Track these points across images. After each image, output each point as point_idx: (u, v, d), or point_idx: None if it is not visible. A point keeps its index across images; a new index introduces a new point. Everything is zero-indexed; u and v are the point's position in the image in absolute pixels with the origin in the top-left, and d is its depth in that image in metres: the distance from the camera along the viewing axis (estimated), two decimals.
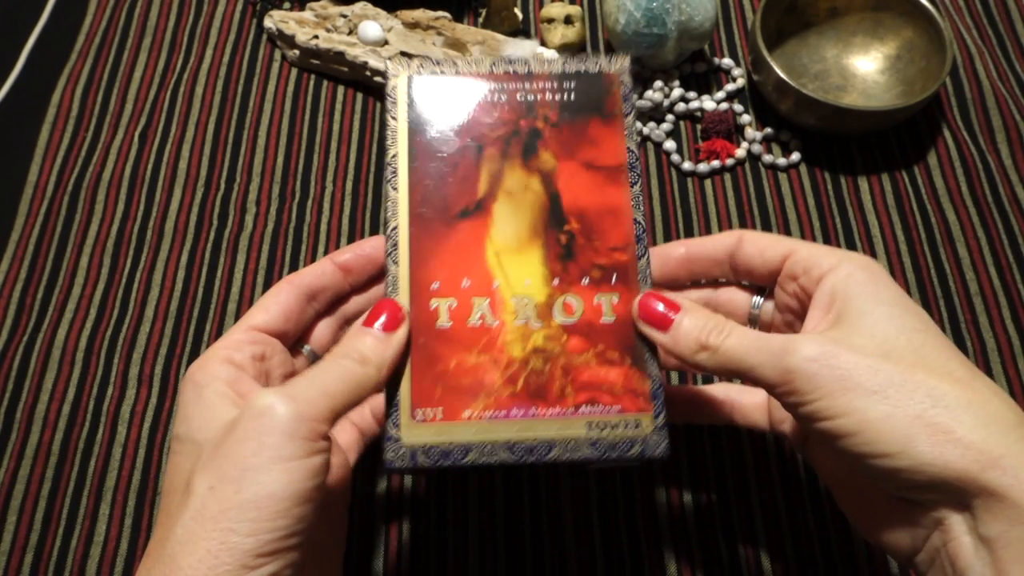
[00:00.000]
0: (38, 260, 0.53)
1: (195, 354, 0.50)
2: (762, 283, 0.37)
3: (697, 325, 0.32)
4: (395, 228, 0.35)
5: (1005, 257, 0.53)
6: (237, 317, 0.51)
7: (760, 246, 0.35)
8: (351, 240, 0.54)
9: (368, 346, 0.32)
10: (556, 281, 0.35)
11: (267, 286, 0.52)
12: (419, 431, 0.32)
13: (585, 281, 0.35)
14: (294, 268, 0.53)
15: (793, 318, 0.35)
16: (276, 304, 0.36)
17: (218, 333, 0.50)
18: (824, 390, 0.28)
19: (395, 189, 0.36)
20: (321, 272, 0.37)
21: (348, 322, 0.40)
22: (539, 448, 0.33)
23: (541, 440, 0.33)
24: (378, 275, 0.39)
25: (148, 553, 0.29)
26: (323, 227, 0.54)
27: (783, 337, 0.30)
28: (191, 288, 0.52)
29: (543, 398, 0.33)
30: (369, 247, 0.38)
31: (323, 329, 0.39)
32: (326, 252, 0.53)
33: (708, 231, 0.54)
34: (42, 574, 0.43)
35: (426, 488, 0.45)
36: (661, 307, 0.33)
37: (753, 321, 0.38)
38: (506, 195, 0.36)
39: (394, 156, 0.36)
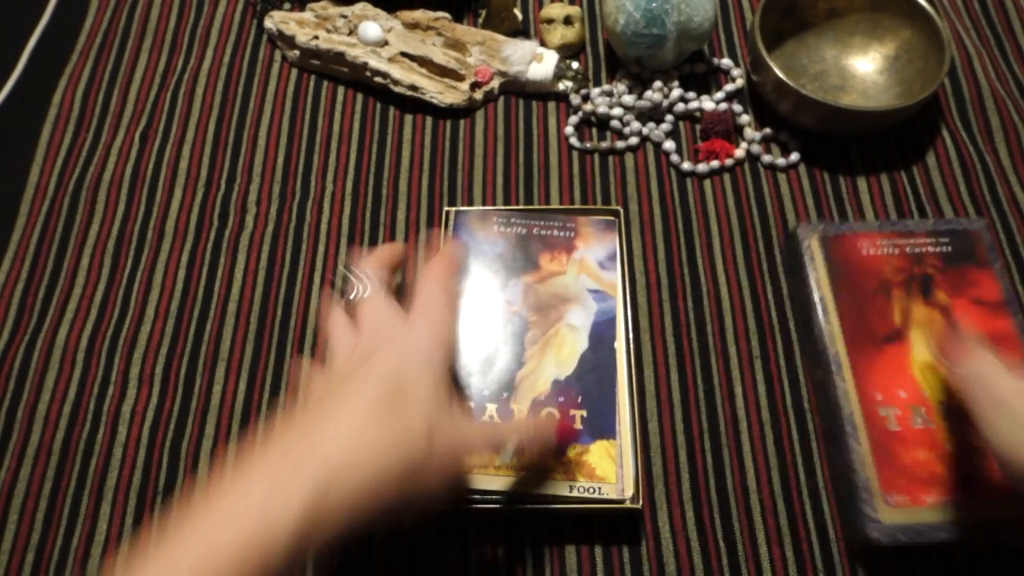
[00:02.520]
0: (39, 260, 0.53)
1: (195, 354, 0.50)
2: None
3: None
4: (837, 353, 0.46)
5: (1004, 257, 0.53)
6: (237, 317, 0.51)
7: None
8: (351, 240, 0.54)
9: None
10: None
11: (267, 286, 0.52)
12: (892, 514, 0.42)
13: None
14: (294, 268, 0.53)
15: None
16: (397, 254, 0.44)
17: (218, 333, 0.50)
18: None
19: (828, 323, 0.47)
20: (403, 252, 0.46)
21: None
22: (988, 525, 0.41)
23: (991, 518, 0.41)
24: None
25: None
26: (323, 227, 0.54)
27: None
28: (191, 288, 0.52)
29: (988, 486, 0.42)
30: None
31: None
32: (326, 252, 0.53)
33: (707, 231, 0.54)
34: (43, 573, 0.44)
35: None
36: None
37: None
38: (917, 325, 0.47)
39: (822, 298, 0.48)
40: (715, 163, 0.56)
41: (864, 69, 0.60)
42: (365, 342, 0.37)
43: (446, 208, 0.52)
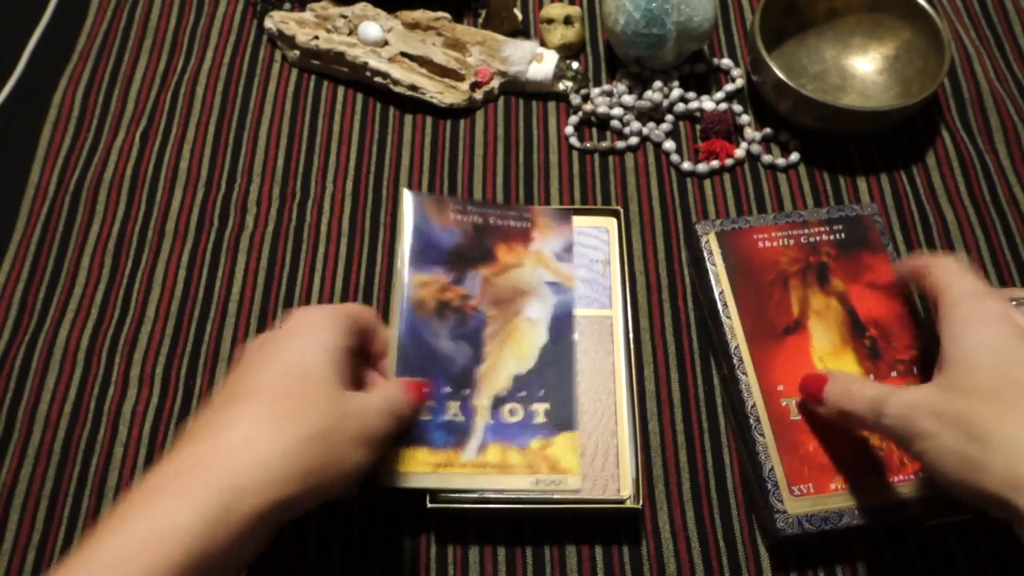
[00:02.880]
0: (40, 260, 0.53)
1: (195, 354, 0.50)
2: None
3: (840, 388, 0.40)
4: (737, 347, 0.46)
5: (1003, 257, 0.53)
6: (238, 317, 0.51)
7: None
8: (351, 240, 0.54)
9: (400, 398, 0.39)
10: (871, 376, 0.45)
11: (267, 286, 0.52)
12: (798, 503, 0.42)
13: (893, 374, 0.45)
14: (294, 268, 0.53)
15: None
16: (364, 312, 0.42)
17: (219, 333, 0.50)
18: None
19: (728, 317, 0.47)
20: (383, 337, 0.43)
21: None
22: (892, 509, 0.41)
23: (893, 502, 0.41)
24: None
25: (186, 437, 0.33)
26: (323, 227, 0.54)
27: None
28: (192, 288, 0.52)
29: (889, 469, 0.42)
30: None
31: None
32: (326, 252, 0.53)
33: None
34: (44, 573, 0.44)
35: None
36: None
37: None
38: (815, 314, 0.47)
39: (721, 292, 0.48)
40: (715, 163, 0.56)
41: (864, 69, 0.60)
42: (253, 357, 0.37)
43: (403, 188, 0.52)
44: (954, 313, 0.37)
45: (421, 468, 0.42)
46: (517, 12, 0.61)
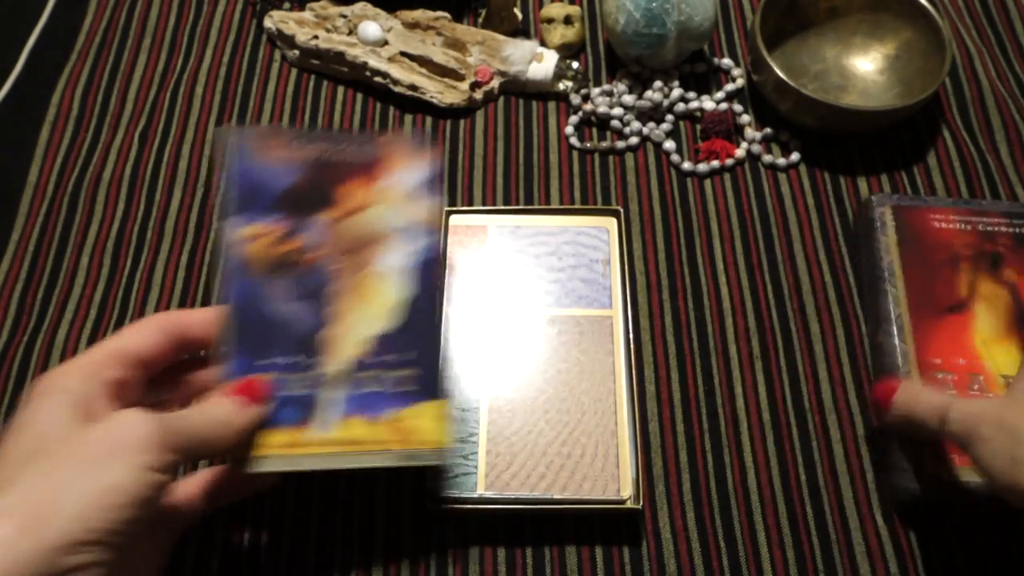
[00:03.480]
0: (38, 260, 0.53)
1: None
2: None
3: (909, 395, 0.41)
4: (899, 315, 0.47)
5: None
6: None
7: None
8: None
9: (230, 411, 0.35)
10: None
11: None
12: (939, 466, 0.43)
13: None
14: None
15: None
16: (146, 336, 0.35)
17: None
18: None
19: (894, 287, 0.48)
20: (202, 321, 0.37)
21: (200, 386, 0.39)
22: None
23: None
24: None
25: None
26: None
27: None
28: (191, 288, 0.52)
29: None
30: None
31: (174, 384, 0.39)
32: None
33: (707, 231, 0.54)
34: None
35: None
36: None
37: None
38: (982, 298, 0.48)
39: (890, 262, 0.48)
40: (715, 163, 0.56)
41: (865, 69, 0.60)
42: None
43: (228, 126, 0.48)
44: None
45: (266, 451, 0.37)
46: (517, 12, 0.61)
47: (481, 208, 0.52)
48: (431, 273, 0.40)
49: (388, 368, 0.38)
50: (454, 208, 0.52)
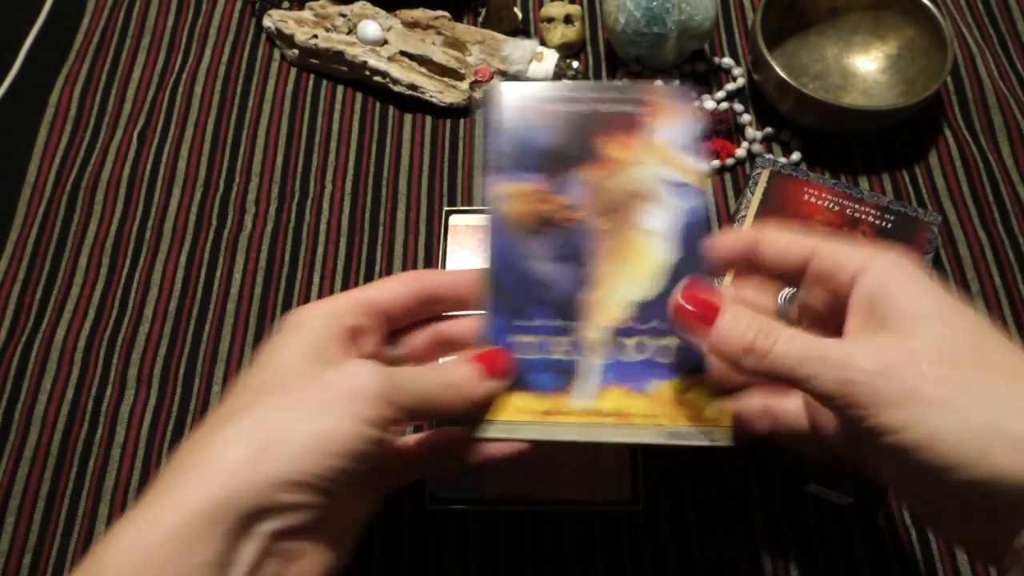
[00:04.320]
0: (37, 260, 0.53)
1: (194, 355, 0.49)
2: (789, 283, 0.36)
3: (739, 326, 0.30)
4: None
5: (1006, 256, 0.53)
6: (236, 317, 0.51)
7: (777, 246, 0.33)
8: (350, 240, 0.53)
9: (465, 378, 0.33)
10: None
11: (266, 286, 0.52)
12: None
13: None
14: (293, 268, 0.52)
15: (822, 321, 0.33)
16: (395, 290, 0.35)
17: (217, 333, 0.50)
18: (887, 402, 0.26)
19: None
20: (453, 282, 0.36)
21: (443, 341, 0.37)
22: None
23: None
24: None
25: (187, 442, 0.29)
26: (322, 226, 0.54)
27: (837, 344, 0.28)
28: (190, 288, 0.52)
29: None
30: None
31: (418, 338, 0.37)
32: (325, 252, 0.53)
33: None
34: (41, 575, 0.43)
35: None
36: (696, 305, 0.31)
37: (782, 317, 0.34)
38: None
39: (743, 217, 0.49)
40: (716, 162, 0.56)
41: (866, 68, 0.59)
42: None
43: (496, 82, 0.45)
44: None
45: (521, 416, 0.34)
46: (517, 11, 0.61)
47: (481, 208, 0.52)
48: (699, 235, 0.36)
49: (653, 335, 0.35)
50: (454, 208, 0.52)
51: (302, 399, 0.29)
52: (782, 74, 0.53)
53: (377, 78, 0.58)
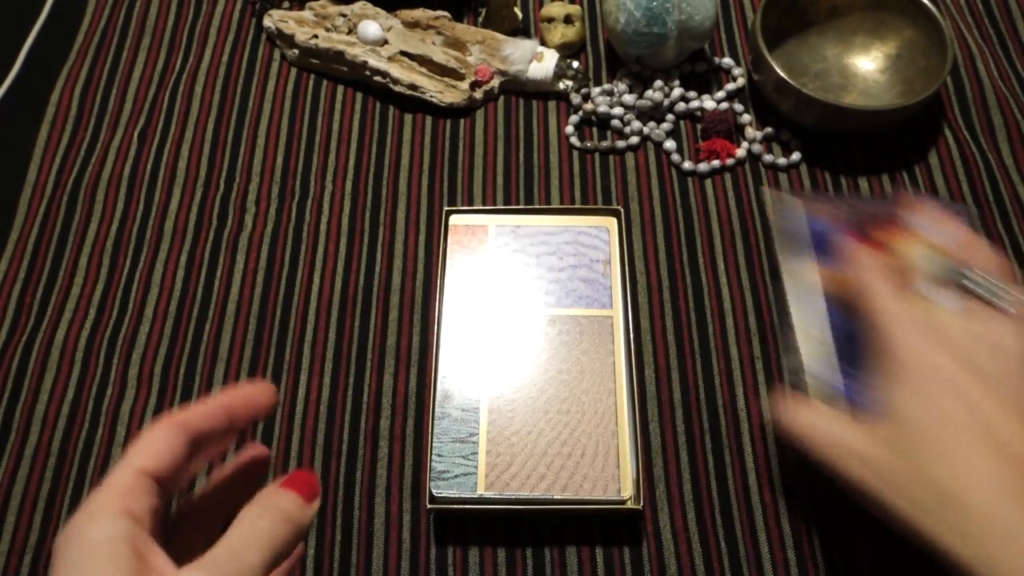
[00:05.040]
0: (37, 259, 0.53)
1: (194, 354, 0.50)
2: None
3: None
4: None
5: (1006, 257, 0.53)
6: (237, 317, 0.51)
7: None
8: (350, 240, 0.53)
9: (292, 507, 0.29)
10: None
11: (267, 286, 0.52)
12: None
13: None
14: (293, 268, 0.52)
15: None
16: (167, 448, 0.28)
17: (218, 333, 0.50)
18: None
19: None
20: (210, 416, 0.30)
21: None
22: None
23: None
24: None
25: None
26: (323, 226, 0.54)
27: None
28: (191, 288, 0.52)
29: None
30: (257, 394, 0.32)
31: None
32: (326, 252, 0.53)
33: (708, 231, 0.54)
34: (41, 575, 0.43)
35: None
36: None
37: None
38: None
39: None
40: (716, 163, 0.56)
41: (866, 68, 0.59)
42: None
43: (777, 192, 0.51)
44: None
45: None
46: (517, 11, 0.61)
47: (481, 208, 0.52)
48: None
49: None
50: (454, 208, 0.52)
51: None
52: (782, 74, 0.53)
53: (377, 78, 0.58)
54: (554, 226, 0.51)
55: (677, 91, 0.57)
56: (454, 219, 0.51)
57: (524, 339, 0.47)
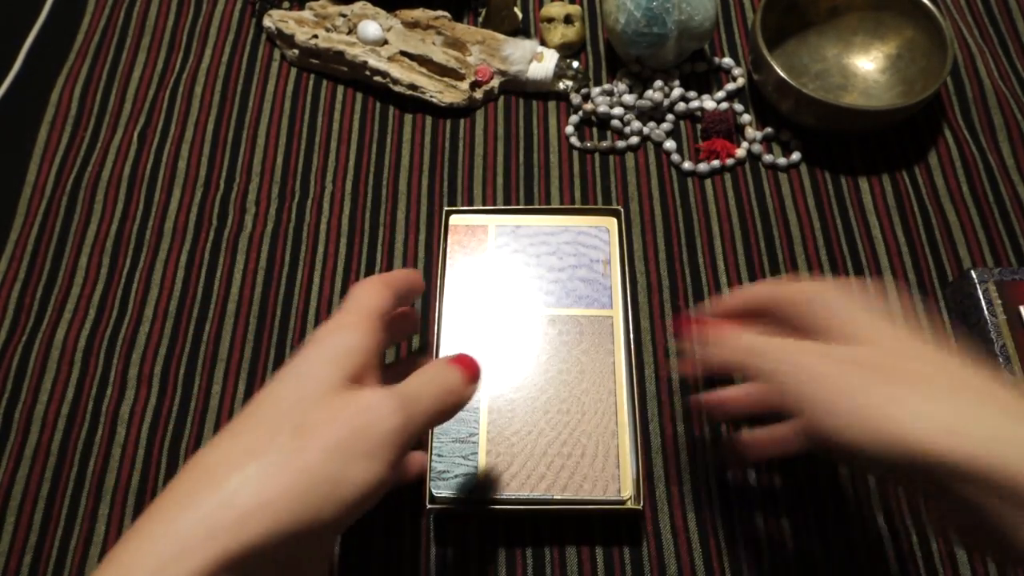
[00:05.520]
0: (37, 259, 0.53)
1: (194, 355, 0.49)
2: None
3: None
4: None
5: (1006, 257, 0.53)
6: (237, 317, 0.51)
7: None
8: (350, 240, 0.53)
9: (457, 380, 0.34)
10: None
11: (266, 286, 0.52)
12: None
13: None
14: (294, 268, 0.52)
15: None
16: (382, 297, 0.35)
17: (218, 333, 0.50)
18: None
19: (1012, 374, 0.46)
20: (402, 280, 0.38)
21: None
22: None
23: None
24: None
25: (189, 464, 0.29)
26: (323, 226, 0.54)
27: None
28: (190, 288, 0.52)
29: None
30: (418, 275, 0.40)
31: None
32: (326, 252, 0.53)
33: (708, 231, 0.54)
34: (41, 575, 0.43)
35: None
36: None
37: None
38: None
39: (1003, 346, 0.47)
40: (716, 163, 0.56)
41: (866, 68, 0.59)
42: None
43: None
44: None
45: None
46: (517, 11, 0.61)
47: (481, 208, 0.52)
48: None
49: None
50: (454, 208, 0.52)
51: (325, 444, 0.29)
52: (782, 74, 0.53)
53: (377, 78, 0.58)
54: (554, 226, 0.51)
55: (677, 91, 0.57)
56: (454, 219, 0.51)
57: (524, 339, 0.47)
